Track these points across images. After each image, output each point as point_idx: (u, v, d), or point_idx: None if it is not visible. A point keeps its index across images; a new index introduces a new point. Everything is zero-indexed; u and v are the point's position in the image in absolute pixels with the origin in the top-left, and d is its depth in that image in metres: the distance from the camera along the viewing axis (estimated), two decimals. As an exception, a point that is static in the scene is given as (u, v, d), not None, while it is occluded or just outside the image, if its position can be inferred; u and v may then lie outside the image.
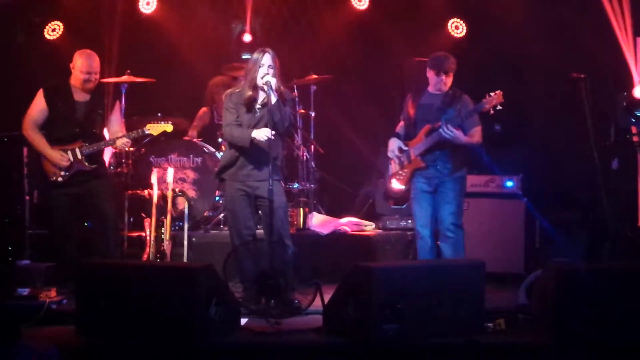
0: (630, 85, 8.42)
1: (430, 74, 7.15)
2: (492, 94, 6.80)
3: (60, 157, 7.06)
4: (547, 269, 6.01)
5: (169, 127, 7.36)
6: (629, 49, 8.45)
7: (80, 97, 7.21)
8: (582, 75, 7.83)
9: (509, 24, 9.35)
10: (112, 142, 7.25)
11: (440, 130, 6.83)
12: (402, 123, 7.36)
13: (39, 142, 7.12)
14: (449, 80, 7.11)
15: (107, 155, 8.11)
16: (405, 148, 7.13)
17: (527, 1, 9.32)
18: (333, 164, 9.95)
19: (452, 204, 7.00)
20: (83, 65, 7.16)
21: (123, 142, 7.22)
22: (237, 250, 6.61)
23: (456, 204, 7.04)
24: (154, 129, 7.32)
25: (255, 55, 6.69)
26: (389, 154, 7.24)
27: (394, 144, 7.22)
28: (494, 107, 6.79)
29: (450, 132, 6.81)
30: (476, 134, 7.02)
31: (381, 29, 9.99)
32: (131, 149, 8.00)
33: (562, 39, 8.99)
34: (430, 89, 7.20)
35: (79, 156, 7.11)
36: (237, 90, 6.82)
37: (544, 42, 9.14)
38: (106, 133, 7.42)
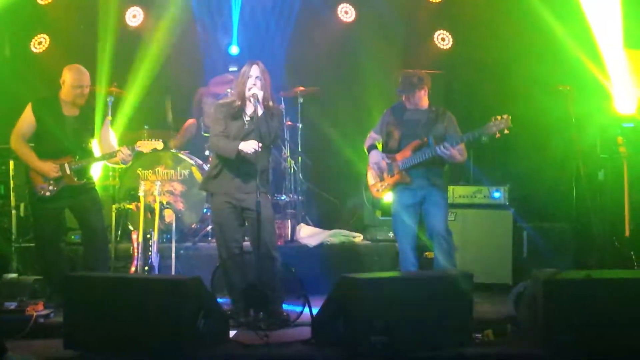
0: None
1: (403, 97, 7.17)
2: (499, 117, 6.80)
3: (50, 168, 7.00)
4: (534, 279, 6.01)
5: (159, 145, 7.30)
6: (614, 61, 8.51)
7: (69, 111, 7.16)
8: (568, 87, 7.88)
9: (495, 36, 9.41)
10: (105, 157, 7.18)
11: (437, 149, 6.83)
12: (374, 136, 7.36)
13: (28, 154, 7.07)
14: (421, 94, 7.12)
15: (97, 169, 8.08)
16: (388, 161, 7.13)
17: (513, 13, 9.36)
18: (321, 176, 9.97)
19: (442, 210, 7.06)
20: (74, 80, 7.11)
21: (125, 154, 7.14)
22: (225, 263, 6.60)
23: (446, 211, 7.12)
24: (144, 146, 7.26)
25: (244, 67, 6.71)
26: (374, 166, 7.22)
27: (377, 157, 7.21)
28: (501, 131, 6.79)
29: (447, 150, 6.83)
30: (464, 152, 7.07)
31: (368, 41, 10.02)
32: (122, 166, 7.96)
33: (548, 51, 9.03)
34: (407, 104, 7.20)
35: (68, 171, 7.05)
36: (226, 102, 6.83)
37: (530, 53, 9.19)
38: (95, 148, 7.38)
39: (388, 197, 7.33)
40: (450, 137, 6.95)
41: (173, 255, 7.80)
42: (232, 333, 6.10)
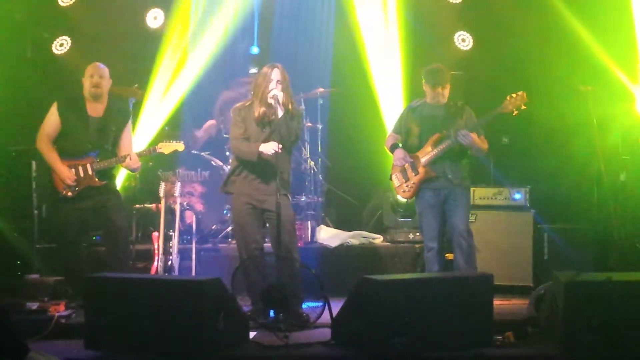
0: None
1: (427, 88, 7.17)
2: (514, 95, 6.82)
3: (67, 175, 7.04)
4: (555, 281, 5.99)
5: (180, 147, 7.33)
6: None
7: (93, 112, 7.20)
8: (589, 87, 7.84)
9: (516, 37, 9.37)
10: (123, 160, 7.22)
11: (457, 137, 6.84)
12: (393, 135, 7.37)
13: (50, 155, 7.11)
14: (446, 92, 7.14)
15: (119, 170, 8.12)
16: (411, 160, 7.12)
17: (534, 13, 9.33)
18: (341, 177, 9.97)
19: (463, 210, 7.06)
20: (89, 69, 7.21)
21: (133, 161, 7.18)
22: (245, 264, 6.61)
23: (467, 211, 7.11)
24: (166, 147, 7.30)
25: (265, 70, 6.74)
26: (399, 162, 7.19)
27: (401, 154, 7.19)
28: (518, 107, 6.80)
29: (467, 137, 6.83)
30: (484, 141, 7.05)
31: (388, 42, 9.99)
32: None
33: (570, 52, 8.99)
34: (429, 100, 7.21)
35: (90, 172, 7.08)
36: (245, 105, 6.85)
37: (552, 54, 9.15)
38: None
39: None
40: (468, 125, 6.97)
41: (193, 256, 7.83)
42: (252, 334, 6.10)
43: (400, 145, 7.24)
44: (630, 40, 8.77)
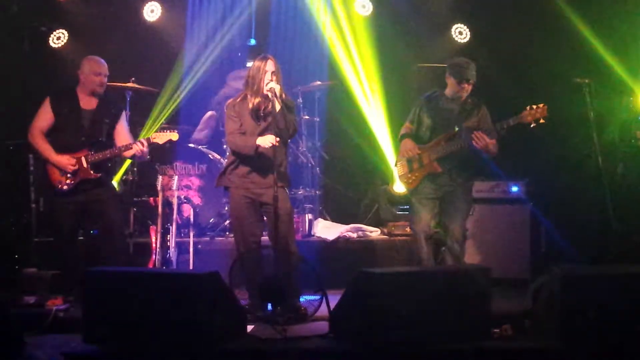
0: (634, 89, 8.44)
1: (451, 81, 7.11)
2: (534, 106, 6.76)
3: (67, 161, 7.04)
4: (553, 274, 6.00)
5: (174, 136, 7.32)
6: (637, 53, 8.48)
7: (86, 105, 7.20)
8: (586, 80, 7.83)
9: (514, 29, 9.36)
10: (121, 150, 7.21)
11: (472, 139, 6.79)
12: (408, 125, 7.31)
13: (45, 148, 7.10)
14: (470, 88, 7.07)
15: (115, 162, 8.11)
16: (419, 152, 7.09)
17: (532, 5, 9.32)
18: (338, 170, 9.97)
19: (463, 213, 7.03)
20: (93, 68, 7.18)
21: (139, 149, 7.18)
22: (243, 257, 6.61)
23: (466, 216, 7.07)
24: (160, 137, 7.28)
25: (257, 63, 6.70)
26: (407, 153, 7.16)
27: (410, 144, 7.17)
28: (537, 120, 6.74)
29: (482, 140, 6.79)
30: (495, 146, 6.98)
31: (385, 35, 9.97)
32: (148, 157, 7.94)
33: (565, 44, 8.98)
34: (449, 93, 7.15)
35: (85, 164, 7.08)
36: (237, 100, 6.82)
37: (548, 46, 9.14)
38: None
39: (402, 189, 7.31)
40: (484, 129, 6.92)
41: (191, 249, 7.82)
42: (249, 327, 6.11)
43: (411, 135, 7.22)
44: (633, 32, 8.75)
